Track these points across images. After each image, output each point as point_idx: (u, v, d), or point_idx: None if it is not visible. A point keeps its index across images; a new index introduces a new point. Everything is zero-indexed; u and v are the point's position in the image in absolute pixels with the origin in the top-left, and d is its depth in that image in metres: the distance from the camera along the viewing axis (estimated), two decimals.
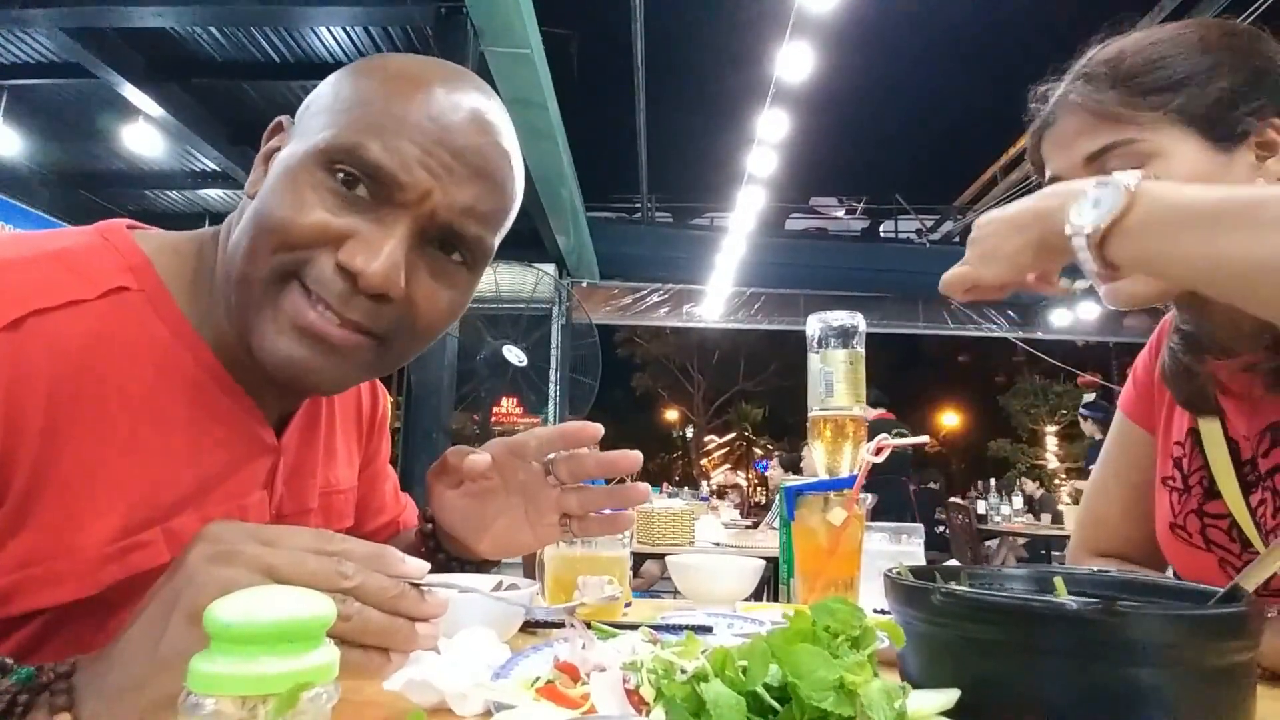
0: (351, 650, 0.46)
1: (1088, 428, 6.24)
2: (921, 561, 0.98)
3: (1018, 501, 7.37)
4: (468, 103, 0.63)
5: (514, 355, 3.76)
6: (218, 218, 0.95)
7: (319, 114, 0.62)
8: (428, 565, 0.50)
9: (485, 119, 0.64)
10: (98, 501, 0.58)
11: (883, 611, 0.61)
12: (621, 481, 0.80)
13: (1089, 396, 6.05)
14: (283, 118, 0.66)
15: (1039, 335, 11.39)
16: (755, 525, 4.91)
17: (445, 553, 0.83)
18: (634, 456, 0.75)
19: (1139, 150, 0.77)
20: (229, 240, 0.63)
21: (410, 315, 0.63)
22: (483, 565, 0.85)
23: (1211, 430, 0.88)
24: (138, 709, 0.44)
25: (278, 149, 0.64)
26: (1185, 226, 0.59)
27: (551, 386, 7.86)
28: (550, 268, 9.03)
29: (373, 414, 0.91)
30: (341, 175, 0.59)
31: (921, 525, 1.00)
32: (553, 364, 8.04)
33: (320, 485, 0.79)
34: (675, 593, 1.19)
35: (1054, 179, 0.82)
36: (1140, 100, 0.77)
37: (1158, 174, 0.75)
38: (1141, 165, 0.76)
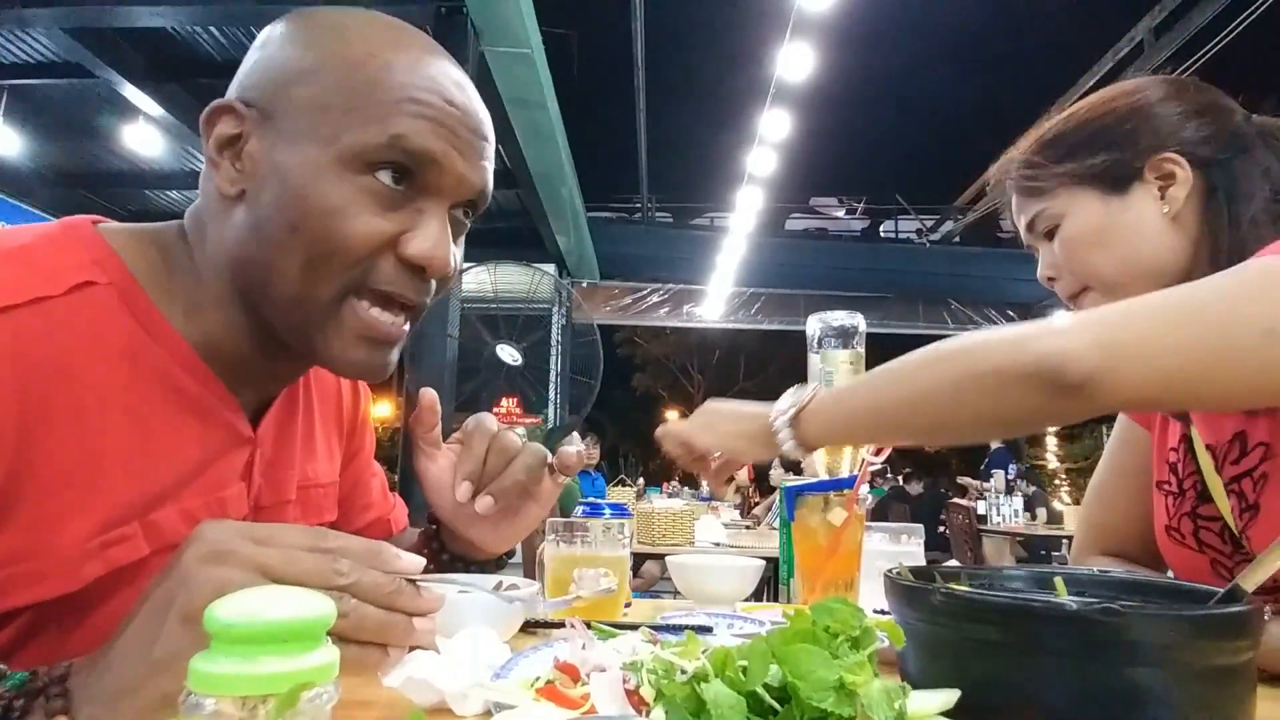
0: (349, 647, 0.45)
1: None
2: (921, 561, 0.98)
3: (1017, 501, 7.37)
4: (454, 72, 0.64)
5: (508, 354, 3.76)
6: None
7: (322, 110, 0.59)
8: (423, 561, 0.50)
9: (469, 84, 0.65)
10: (76, 498, 0.57)
11: (883, 611, 0.61)
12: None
13: None
14: (234, 102, 0.61)
15: None
16: (755, 525, 4.91)
17: (450, 553, 0.83)
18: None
19: (1050, 214, 0.90)
20: (231, 244, 0.62)
21: (445, 283, 0.66)
22: (487, 565, 0.85)
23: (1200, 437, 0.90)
24: (134, 711, 0.43)
25: (236, 135, 0.61)
26: (850, 396, 0.81)
27: (551, 386, 7.86)
28: (550, 268, 9.04)
29: (354, 411, 0.90)
30: (380, 174, 0.59)
31: (921, 525, 1.00)
32: (553, 364, 8.04)
33: (299, 478, 0.78)
34: (675, 593, 1.19)
35: (1026, 241, 0.97)
36: (1048, 172, 0.90)
37: (1066, 231, 0.89)
38: (1056, 226, 0.90)
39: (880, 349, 0.87)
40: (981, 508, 6.99)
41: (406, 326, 0.66)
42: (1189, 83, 0.90)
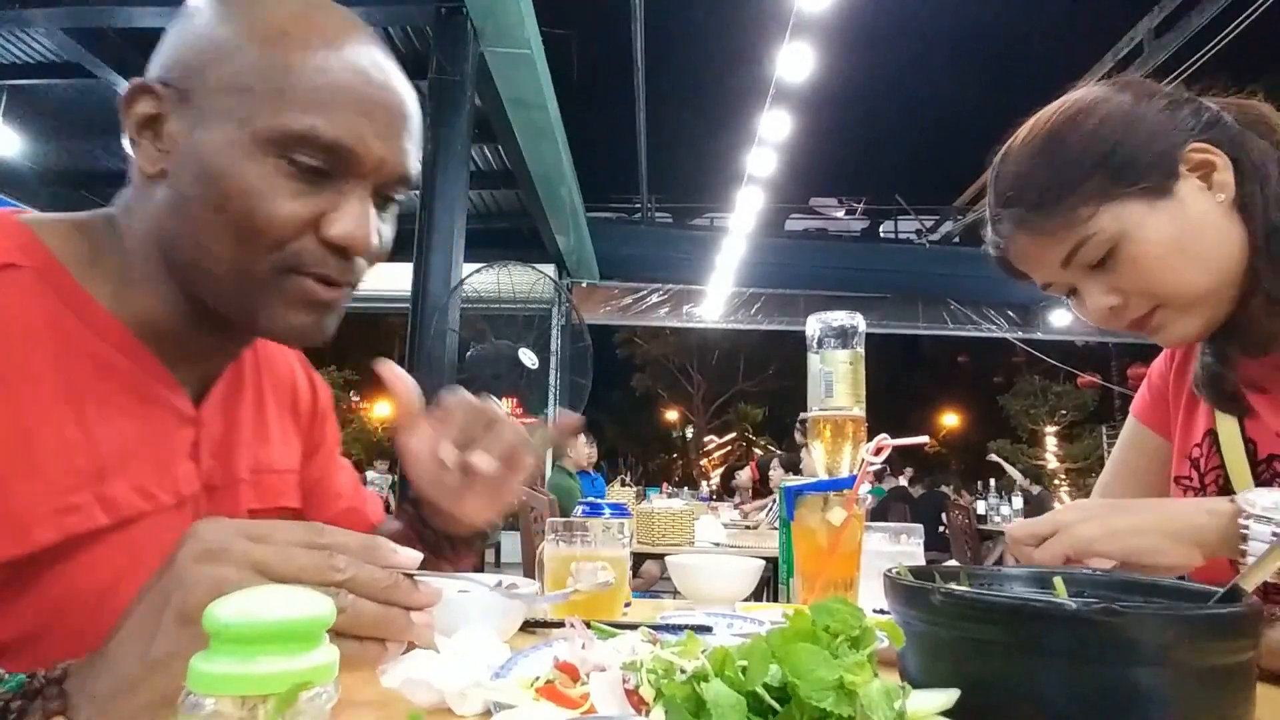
0: (347, 642, 0.45)
1: (800, 438, 6.55)
2: (921, 561, 0.98)
3: (1017, 502, 7.37)
4: (373, 51, 0.64)
5: (528, 358, 3.77)
6: None
7: (239, 91, 0.59)
8: (419, 555, 0.50)
9: (393, 66, 0.65)
10: (17, 469, 0.57)
11: (882, 611, 0.61)
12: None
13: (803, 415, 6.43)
14: (152, 83, 0.62)
15: (1038, 335, 11.40)
16: (755, 527, 4.91)
17: (433, 529, 0.82)
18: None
19: (1101, 240, 0.80)
20: (156, 223, 0.63)
21: (374, 259, 0.68)
22: (473, 539, 0.83)
23: (1229, 431, 0.90)
24: (132, 711, 0.43)
25: (156, 115, 0.62)
26: None
27: (551, 386, 7.85)
28: (550, 268, 9.03)
29: (313, 404, 0.91)
30: (299, 157, 0.60)
31: (921, 525, 1.00)
32: (552, 364, 8.04)
33: (251, 461, 0.77)
34: (675, 593, 1.19)
35: (1047, 285, 0.88)
36: (1071, 200, 0.81)
37: (1135, 248, 0.80)
38: (1111, 250, 0.80)
39: (880, 349, 0.87)
40: (981, 507, 6.99)
41: (344, 291, 0.67)
42: (1137, 80, 0.87)
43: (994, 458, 10.07)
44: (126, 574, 0.58)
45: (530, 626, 0.85)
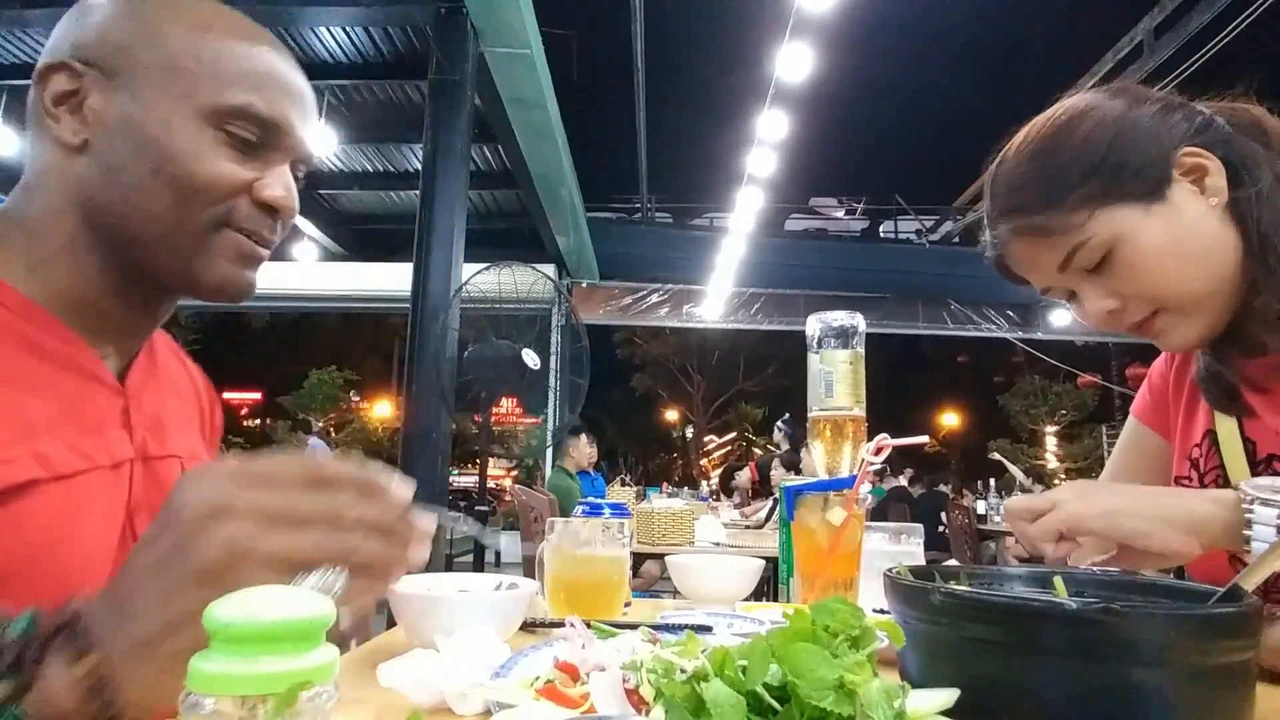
0: (359, 581, 0.46)
1: (777, 437, 6.68)
2: (921, 561, 0.98)
3: None
4: (285, 53, 0.73)
5: (531, 359, 3.76)
6: None
7: (172, 71, 0.66)
8: (413, 484, 0.51)
9: (294, 63, 0.74)
10: None
11: (882, 611, 0.61)
12: None
13: (786, 415, 6.54)
14: (69, 60, 0.66)
15: (1038, 335, 11.41)
16: (758, 527, 4.91)
17: None
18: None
19: (1098, 243, 0.81)
20: (78, 193, 0.66)
21: (288, 225, 0.75)
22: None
23: (1229, 431, 0.91)
24: (157, 660, 0.44)
25: (73, 91, 0.66)
26: None
27: (551, 387, 7.86)
28: (550, 268, 9.03)
29: (212, 414, 0.91)
30: (235, 131, 0.67)
31: (921, 525, 1.00)
32: (552, 364, 8.04)
33: (182, 442, 0.78)
34: (675, 593, 1.19)
35: (1046, 289, 0.89)
36: (1066, 204, 0.81)
37: (1131, 251, 0.80)
38: (1107, 254, 0.81)
39: (880, 349, 0.87)
40: (981, 508, 6.99)
41: (265, 255, 0.74)
42: (1130, 86, 0.88)
43: (996, 456, 10.07)
44: (71, 529, 0.61)
45: (530, 626, 0.85)
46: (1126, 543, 0.74)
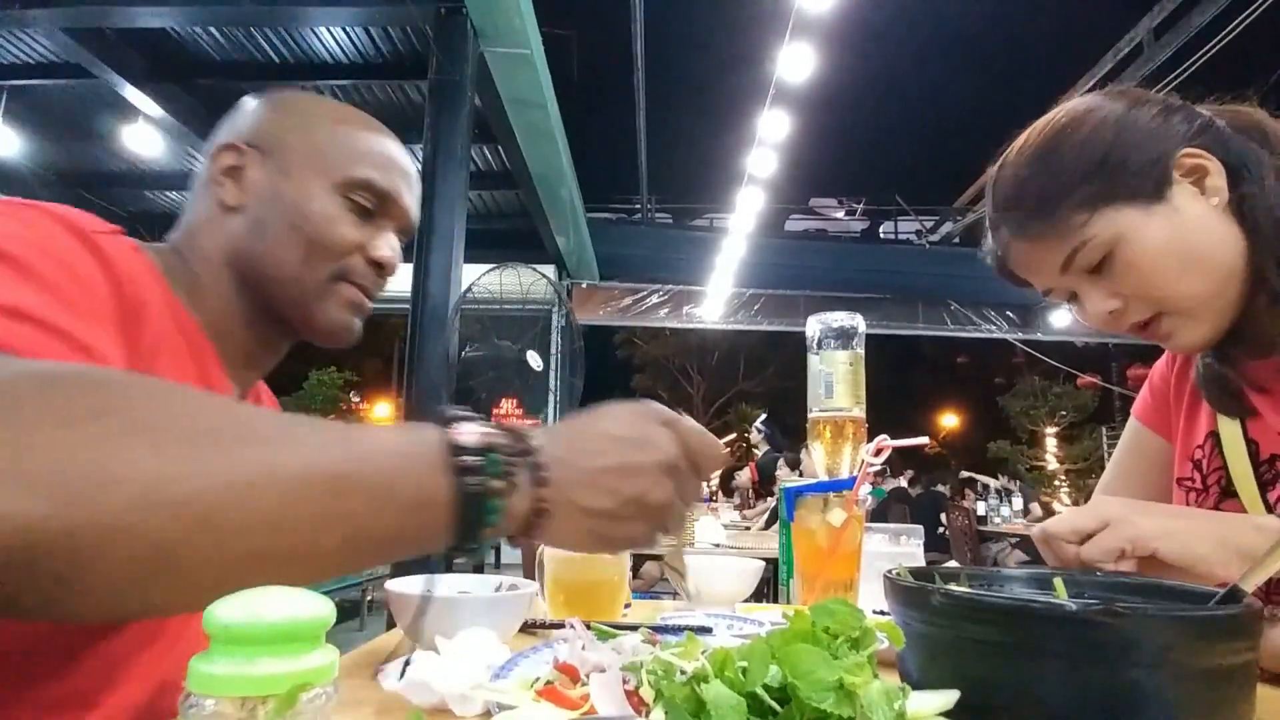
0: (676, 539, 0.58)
1: (755, 438, 6.84)
2: (921, 562, 0.98)
3: (1017, 503, 7.37)
4: (393, 137, 0.87)
5: (534, 360, 3.77)
6: None
7: (316, 153, 0.80)
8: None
9: (404, 148, 0.88)
10: None
11: (882, 612, 0.61)
12: None
13: (763, 415, 6.60)
14: (237, 142, 0.80)
15: (1038, 336, 11.39)
16: (759, 526, 4.91)
17: None
18: None
19: (1099, 243, 0.81)
20: (231, 244, 0.79)
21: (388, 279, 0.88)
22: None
23: (1232, 432, 0.90)
24: (584, 526, 0.52)
25: (237, 167, 0.80)
26: None
27: (551, 388, 7.85)
28: (550, 269, 9.03)
29: None
30: (357, 200, 0.81)
31: (921, 526, 1.00)
32: (552, 365, 8.04)
33: None
34: (675, 593, 1.19)
35: (1047, 291, 0.90)
36: (1067, 205, 0.82)
37: (1132, 251, 0.81)
38: (1108, 254, 0.81)
39: (880, 350, 0.87)
40: (981, 508, 7.00)
41: (370, 307, 0.86)
42: (1130, 89, 0.88)
43: (966, 474, 9.90)
44: None
45: (530, 627, 0.85)
46: (1187, 567, 0.71)
